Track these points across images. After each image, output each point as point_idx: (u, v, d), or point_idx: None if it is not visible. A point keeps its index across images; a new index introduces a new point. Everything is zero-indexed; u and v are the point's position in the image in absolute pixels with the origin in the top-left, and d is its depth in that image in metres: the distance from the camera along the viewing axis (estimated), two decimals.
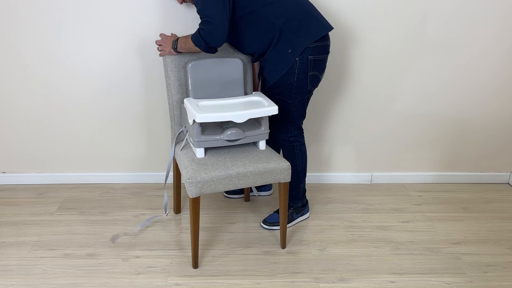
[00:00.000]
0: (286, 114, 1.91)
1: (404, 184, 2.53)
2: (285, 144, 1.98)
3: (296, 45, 1.74)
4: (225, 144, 1.79)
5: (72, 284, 1.72)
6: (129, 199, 2.32)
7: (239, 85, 1.90)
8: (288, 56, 1.75)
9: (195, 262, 1.81)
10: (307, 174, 2.40)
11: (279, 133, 1.97)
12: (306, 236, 2.05)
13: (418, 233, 2.08)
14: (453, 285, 1.77)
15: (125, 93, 2.23)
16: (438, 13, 2.11)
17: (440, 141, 2.44)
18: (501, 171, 2.54)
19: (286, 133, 1.96)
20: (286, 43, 1.74)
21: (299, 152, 1.99)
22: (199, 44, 1.72)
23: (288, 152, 1.99)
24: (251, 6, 1.71)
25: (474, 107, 2.35)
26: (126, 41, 2.11)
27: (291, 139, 1.96)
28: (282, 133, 1.96)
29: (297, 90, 1.83)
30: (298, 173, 2.02)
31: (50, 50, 2.12)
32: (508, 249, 1.99)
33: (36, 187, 2.42)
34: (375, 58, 2.20)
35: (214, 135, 1.76)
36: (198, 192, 1.68)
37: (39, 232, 2.03)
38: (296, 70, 1.78)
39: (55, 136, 2.33)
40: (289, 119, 1.92)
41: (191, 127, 1.75)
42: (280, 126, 1.95)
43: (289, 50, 1.75)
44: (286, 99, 1.86)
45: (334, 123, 2.35)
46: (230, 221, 2.15)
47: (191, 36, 1.75)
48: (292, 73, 1.78)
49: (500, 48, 2.20)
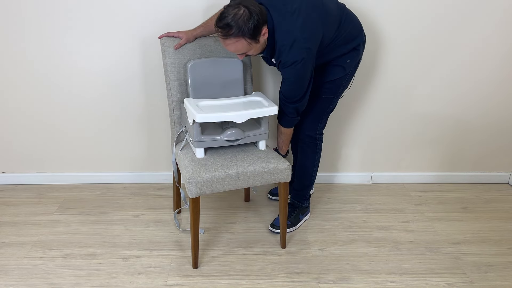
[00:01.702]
0: (324, 110, 1.94)
1: (404, 184, 2.53)
2: (309, 141, 2.00)
3: (355, 56, 1.84)
4: (225, 144, 1.79)
5: (72, 284, 1.72)
6: (129, 199, 2.32)
7: (239, 85, 1.90)
8: (346, 66, 1.84)
9: (195, 262, 1.81)
10: None
11: (306, 129, 1.97)
12: (306, 236, 2.05)
13: (418, 233, 2.08)
14: (453, 285, 1.77)
15: (125, 93, 2.23)
16: (437, 13, 2.11)
17: (440, 141, 2.44)
18: (501, 171, 2.54)
19: (314, 129, 1.98)
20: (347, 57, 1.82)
21: (319, 150, 2.04)
22: (293, 123, 1.85)
23: (309, 149, 2.01)
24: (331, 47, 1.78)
25: (474, 107, 2.35)
26: (126, 41, 2.11)
27: (317, 136, 2.00)
28: (310, 130, 1.97)
29: (343, 88, 1.92)
30: (314, 172, 2.06)
31: (51, 50, 2.12)
32: (508, 249, 1.99)
33: (36, 187, 2.42)
34: (374, 59, 2.20)
35: (214, 135, 1.76)
36: (198, 192, 1.68)
37: (39, 232, 2.03)
38: (349, 72, 1.88)
39: (55, 136, 2.33)
40: (324, 115, 1.96)
41: (191, 127, 1.75)
42: (312, 122, 1.96)
43: (348, 60, 1.82)
44: (331, 96, 1.90)
45: (334, 123, 2.35)
46: (230, 221, 2.15)
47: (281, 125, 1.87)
48: (344, 77, 1.88)
49: (500, 48, 2.20)
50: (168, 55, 1.87)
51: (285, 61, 1.63)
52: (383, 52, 2.19)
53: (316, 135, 1.99)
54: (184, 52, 1.88)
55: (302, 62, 1.61)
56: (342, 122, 2.37)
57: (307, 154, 2.00)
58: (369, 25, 2.11)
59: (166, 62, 1.88)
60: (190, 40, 1.88)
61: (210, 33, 1.91)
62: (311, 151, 2.01)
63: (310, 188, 2.13)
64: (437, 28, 2.14)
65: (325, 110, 1.94)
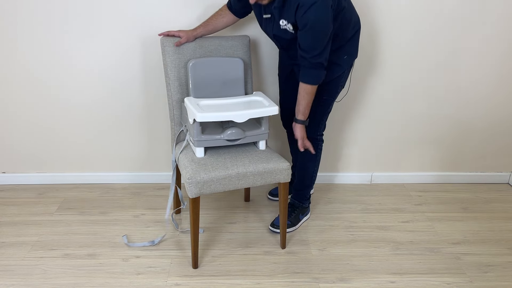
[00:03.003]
0: (323, 112, 1.94)
1: (404, 184, 2.53)
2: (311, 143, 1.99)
3: (353, 53, 1.84)
4: (225, 143, 1.78)
5: (72, 284, 1.72)
6: (129, 199, 2.32)
7: (239, 84, 1.90)
8: (344, 63, 1.83)
9: (195, 262, 1.81)
10: None
11: (307, 132, 1.94)
12: (306, 236, 2.05)
13: (418, 233, 2.08)
14: (453, 285, 1.77)
15: (125, 93, 2.23)
16: (437, 14, 2.11)
17: (440, 141, 2.44)
18: (501, 171, 2.54)
19: (315, 131, 1.98)
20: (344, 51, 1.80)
21: (320, 150, 2.04)
22: (319, 79, 1.73)
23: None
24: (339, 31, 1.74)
25: (474, 107, 2.35)
26: (126, 41, 2.11)
27: (318, 137, 2.00)
28: (311, 132, 1.96)
29: (341, 88, 1.91)
30: (314, 172, 2.07)
31: (50, 50, 2.12)
32: (508, 249, 1.99)
33: (36, 187, 2.42)
34: (375, 59, 2.20)
35: (214, 135, 1.76)
36: (198, 192, 1.68)
37: (39, 232, 2.03)
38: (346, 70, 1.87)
39: (55, 136, 2.33)
40: (324, 116, 1.96)
41: (191, 126, 1.75)
42: (313, 124, 1.95)
43: (345, 56, 1.81)
44: (330, 97, 1.90)
45: (334, 123, 2.35)
46: (230, 221, 2.15)
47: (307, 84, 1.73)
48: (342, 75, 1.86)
49: (500, 49, 2.20)
50: (168, 55, 1.87)
51: (303, 3, 1.56)
52: (383, 52, 2.19)
53: (317, 136, 2.00)
54: (184, 52, 1.88)
55: (321, 1, 1.55)
56: (342, 122, 2.37)
57: (308, 154, 2.00)
58: (370, 25, 2.11)
59: (166, 61, 1.88)
60: (190, 40, 1.88)
61: (210, 32, 1.91)
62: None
63: (311, 188, 2.13)
64: (437, 29, 2.14)
65: (324, 112, 1.94)
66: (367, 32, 2.13)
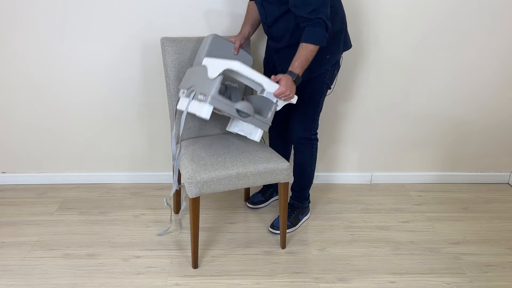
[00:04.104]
0: (314, 111, 1.93)
1: (404, 184, 2.53)
2: (305, 143, 1.99)
3: (335, 52, 1.81)
4: (232, 114, 1.67)
5: (72, 284, 1.72)
6: (129, 199, 2.32)
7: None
8: (324, 61, 1.80)
9: (195, 262, 1.81)
10: None
11: (301, 132, 1.95)
12: (306, 236, 2.05)
13: (418, 233, 2.08)
14: (453, 285, 1.77)
15: (125, 93, 2.23)
16: (438, 15, 2.11)
17: (440, 141, 2.44)
18: (501, 171, 2.54)
19: (309, 131, 1.97)
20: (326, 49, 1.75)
21: (315, 150, 2.02)
22: (323, 39, 1.63)
23: (306, 150, 2.00)
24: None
25: (474, 107, 2.35)
26: (126, 41, 2.11)
27: (312, 136, 1.99)
28: (305, 131, 1.95)
29: (327, 88, 1.89)
30: (312, 172, 2.06)
31: (50, 50, 2.12)
32: (508, 249, 1.99)
33: (36, 187, 2.42)
34: (374, 59, 2.20)
35: (227, 100, 1.66)
36: (198, 192, 1.68)
37: (39, 232, 2.03)
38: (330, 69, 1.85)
39: (55, 136, 2.33)
40: (315, 115, 1.94)
41: (210, 82, 1.62)
42: (305, 124, 1.94)
43: (327, 56, 1.79)
44: (316, 95, 1.89)
45: (333, 123, 2.35)
46: (230, 221, 2.15)
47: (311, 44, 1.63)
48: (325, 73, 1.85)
49: (500, 49, 2.20)
50: (168, 55, 1.87)
51: None
52: (383, 52, 2.19)
53: (311, 135, 1.98)
54: (184, 52, 1.88)
55: None
56: (342, 122, 2.37)
57: (304, 154, 2.00)
58: (370, 25, 2.11)
59: (166, 62, 1.88)
60: (242, 42, 1.89)
61: (254, 27, 1.92)
62: (308, 151, 2.00)
63: (309, 188, 2.13)
64: (437, 29, 2.14)
65: (315, 111, 1.93)
66: (368, 31, 2.13)
